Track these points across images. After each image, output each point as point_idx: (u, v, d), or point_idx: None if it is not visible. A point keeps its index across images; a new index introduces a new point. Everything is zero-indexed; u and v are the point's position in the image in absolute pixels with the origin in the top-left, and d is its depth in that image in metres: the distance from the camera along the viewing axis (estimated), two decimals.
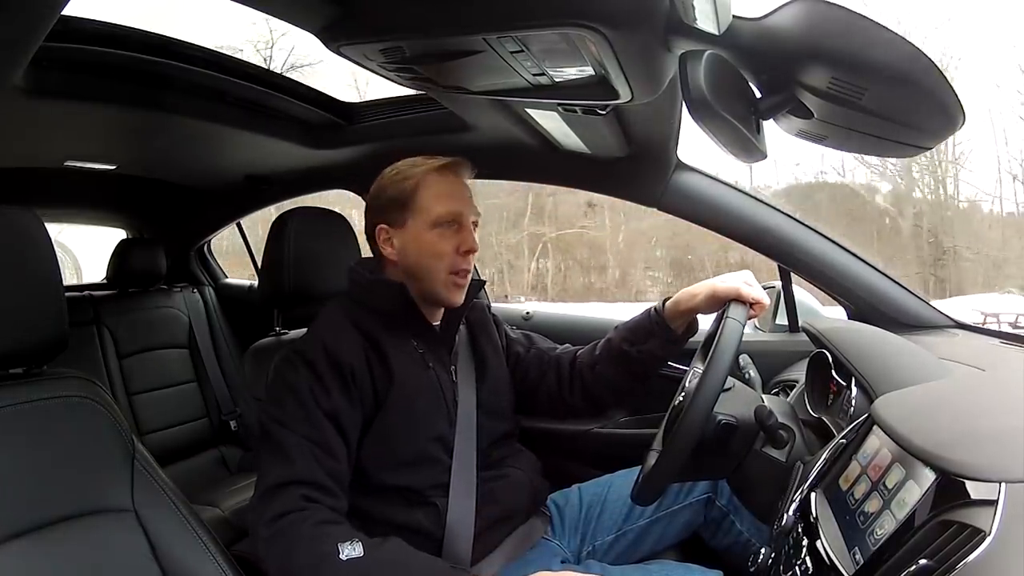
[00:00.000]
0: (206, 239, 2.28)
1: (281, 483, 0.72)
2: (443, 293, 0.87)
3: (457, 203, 0.86)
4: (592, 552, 0.97)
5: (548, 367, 0.99)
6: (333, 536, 0.68)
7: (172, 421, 1.93)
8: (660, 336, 0.91)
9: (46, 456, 0.70)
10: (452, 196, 0.86)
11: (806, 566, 0.60)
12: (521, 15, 0.61)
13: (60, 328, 0.74)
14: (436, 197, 0.86)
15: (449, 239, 0.86)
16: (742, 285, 0.84)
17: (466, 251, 0.86)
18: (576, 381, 0.97)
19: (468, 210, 0.87)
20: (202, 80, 1.11)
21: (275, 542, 0.69)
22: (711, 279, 0.89)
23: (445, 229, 0.85)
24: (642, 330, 0.93)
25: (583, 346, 1.01)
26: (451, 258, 0.86)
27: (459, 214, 0.86)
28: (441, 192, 0.86)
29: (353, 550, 0.67)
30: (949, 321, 1.15)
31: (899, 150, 0.65)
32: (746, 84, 0.65)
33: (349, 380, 0.80)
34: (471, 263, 0.88)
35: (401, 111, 1.33)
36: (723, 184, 1.24)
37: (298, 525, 0.69)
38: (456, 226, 0.86)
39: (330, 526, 0.70)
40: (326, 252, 1.15)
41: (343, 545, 0.67)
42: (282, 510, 0.70)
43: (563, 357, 0.99)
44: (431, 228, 0.85)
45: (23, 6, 0.62)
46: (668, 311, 0.91)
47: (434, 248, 0.86)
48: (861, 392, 0.80)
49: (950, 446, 0.51)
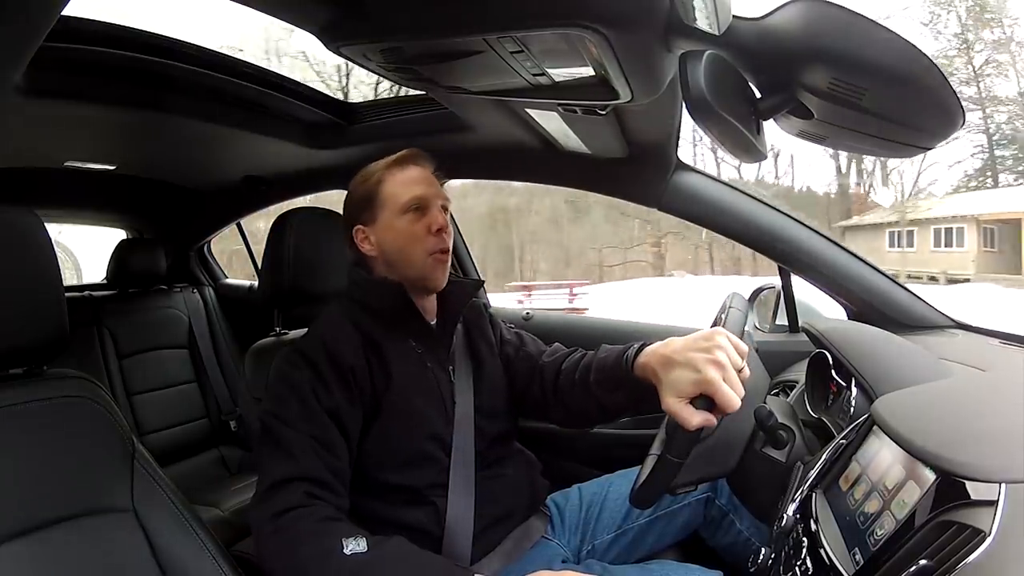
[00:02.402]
0: (206, 239, 2.28)
1: (284, 479, 0.72)
2: (427, 274, 0.89)
3: (419, 187, 0.89)
4: (592, 551, 0.97)
5: (534, 376, 0.96)
6: (337, 532, 0.68)
7: (172, 421, 1.93)
8: (627, 388, 0.81)
9: (46, 456, 0.70)
10: (414, 182, 0.89)
11: (806, 566, 0.60)
12: (521, 15, 0.61)
13: (60, 328, 0.74)
14: (400, 186, 0.89)
15: (419, 221, 0.88)
16: (711, 372, 0.66)
17: (437, 229, 0.88)
18: (559, 398, 0.93)
19: (432, 193, 0.90)
20: (202, 80, 1.11)
21: (278, 538, 0.69)
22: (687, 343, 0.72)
23: (414, 213, 0.88)
24: (613, 378, 0.84)
25: (572, 352, 0.96)
26: (424, 239, 0.88)
27: (423, 197, 0.89)
28: (403, 180, 0.90)
29: (357, 545, 0.67)
30: (949, 321, 1.15)
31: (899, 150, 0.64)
32: (746, 84, 0.65)
33: (349, 379, 0.80)
34: (446, 242, 0.89)
35: (401, 111, 1.33)
36: (723, 184, 1.24)
37: (302, 521, 0.69)
38: (423, 209, 0.89)
39: (334, 523, 0.70)
40: (326, 252, 1.15)
41: (347, 540, 0.67)
42: (285, 506, 0.70)
43: (547, 369, 0.95)
44: (401, 215, 0.88)
45: (23, 6, 0.62)
46: (639, 363, 0.78)
47: (407, 232, 0.88)
48: (861, 392, 0.80)
49: (950, 446, 0.51)
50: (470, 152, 1.31)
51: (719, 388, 0.65)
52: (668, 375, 0.71)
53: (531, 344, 1.02)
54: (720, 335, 0.69)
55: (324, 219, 1.17)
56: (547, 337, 1.06)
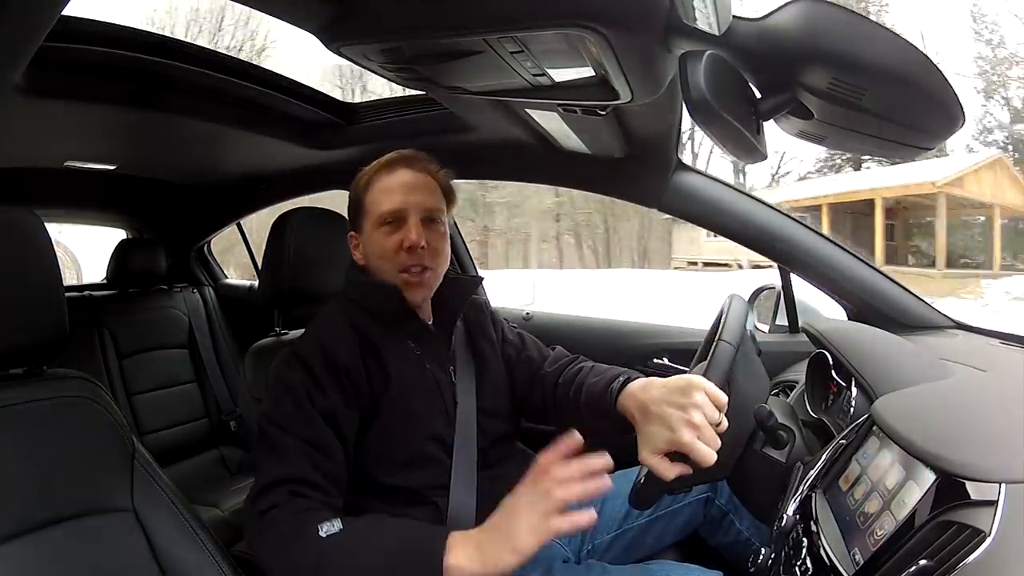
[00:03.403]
0: (206, 239, 2.28)
1: (272, 483, 0.72)
2: (402, 291, 0.85)
3: (396, 198, 0.84)
4: (592, 551, 0.97)
5: (535, 384, 0.96)
6: (314, 519, 0.68)
7: (172, 421, 1.93)
8: (612, 420, 0.81)
9: (46, 456, 0.70)
10: (394, 191, 0.85)
11: (806, 566, 0.60)
12: (521, 16, 0.61)
13: (60, 328, 0.74)
14: (380, 194, 0.85)
15: (392, 236, 0.84)
16: (685, 435, 0.66)
17: (409, 246, 0.83)
18: (557, 410, 0.93)
19: (411, 203, 0.84)
20: (202, 80, 1.11)
21: (261, 535, 0.70)
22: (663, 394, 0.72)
23: (388, 227, 0.84)
24: (599, 408, 0.83)
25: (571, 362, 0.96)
26: (395, 256, 0.83)
27: (399, 210, 0.84)
28: (384, 188, 0.85)
29: (332, 527, 0.67)
30: (949, 321, 1.15)
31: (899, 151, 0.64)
32: (746, 84, 0.65)
33: (345, 381, 0.80)
34: (421, 258, 0.84)
35: (401, 111, 1.33)
36: (723, 184, 1.24)
37: (281, 514, 0.70)
38: (399, 222, 0.84)
39: (312, 512, 0.70)
40: (326, 252, 1.15)
41: (323, 525, 0.67)
42: (268, 506, 0.70)
43: (548, 379, 0.94)
44: (377, 228, 0.85)
45: (23, 6, 0.62)
46: (620, 402, 0.79)
47: (380, 247, 0.85)
48: (861, 392, 0.80)
49: (950, 446, 0.51)
50: (470, 152, 1.31)
51: (694, 448, 0.66)
52: (644, 427, 0.72)
53: (533, 348, 1.00)
54: (698, 391, 0.69)
55: (324, 219, 1.17)
56: (547, 337, 1.06)
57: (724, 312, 0.84)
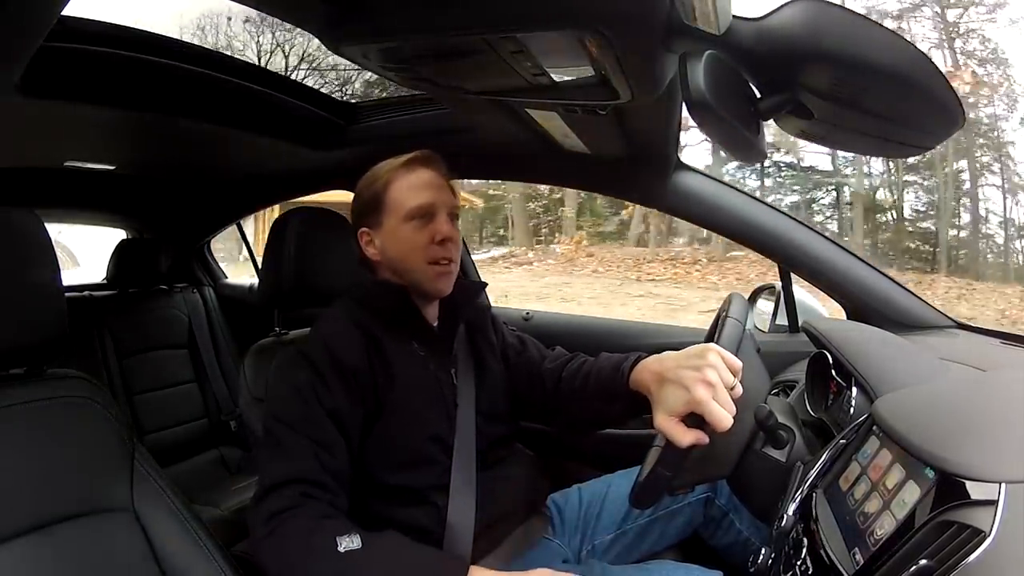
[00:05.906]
0: (206, 239, 2.28)
1: (280, 482, 0.72)
2: (428, 283, 0.88)
3: (426, 194, 0.87)
4: (592, 551, 0.97)
5: (536, 383, 0.96)
6: (331, 529, 0.68)
7: (172, 421, 1.93)
8: (623, 400, 0.82)
9: (46, 456, 0.70)
10: (421, 188, 0.87)
11: (806, 566, 0.60)
12: (521, 16, 0.61)
13: (60, 328, 0.74)
14: (405, 191, 0.87)
15: (423, 230, 0.86)
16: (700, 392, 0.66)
17: (441, 240, 0.86)
18: (559, 406, 0.94)
19: (440, 200, 0.87)
20: (202, 80, 1.11)
21: (272, 539, 0.69)
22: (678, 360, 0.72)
23: (418, 221, 0.86)
24: (610, 390, 0.84)
25: (572, 359, 0.96)
26: (426, 248, 0.86)
27: (429, 205, 0.86)
28: (410, 185, 0.87)
29: (351, 542, 0.67)
30: (949, 321, 1.15)
31: (899, 150, 0.65)
32: (746, 84, 0.65)
33: (351, 380, 0.80)
34: (450, 251, 0.87)
35: (401, 111, 1.33)
36: (723, 184, 1.24)
37: (295, 520, 0.69)
38: (428, 217, 0.87)
39: (327, 520, 0.70)
40: (326, 252, 1.15)
41: (341, 538, 0.67)
42: (279, 508, 0.70)
43: (548, 377, 0.95)
44: (405, 222, 0.87)
45: (23, 6, 0.62)
46: (634, 377, 0.80)
47: (410, 241, 0.86)
48: (861, 392, 0.80)
49: (950, 446, 0.51)
50: (470, 152, 1.31)
51: (709, 408, 0.65)
52: (660, 393, 0.72)
53: (532, 349, 1.01)
54: (712, 352, 0.69)
55: (324, 219, 1.17)
56: (546, 338, 1.06)
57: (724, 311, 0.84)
